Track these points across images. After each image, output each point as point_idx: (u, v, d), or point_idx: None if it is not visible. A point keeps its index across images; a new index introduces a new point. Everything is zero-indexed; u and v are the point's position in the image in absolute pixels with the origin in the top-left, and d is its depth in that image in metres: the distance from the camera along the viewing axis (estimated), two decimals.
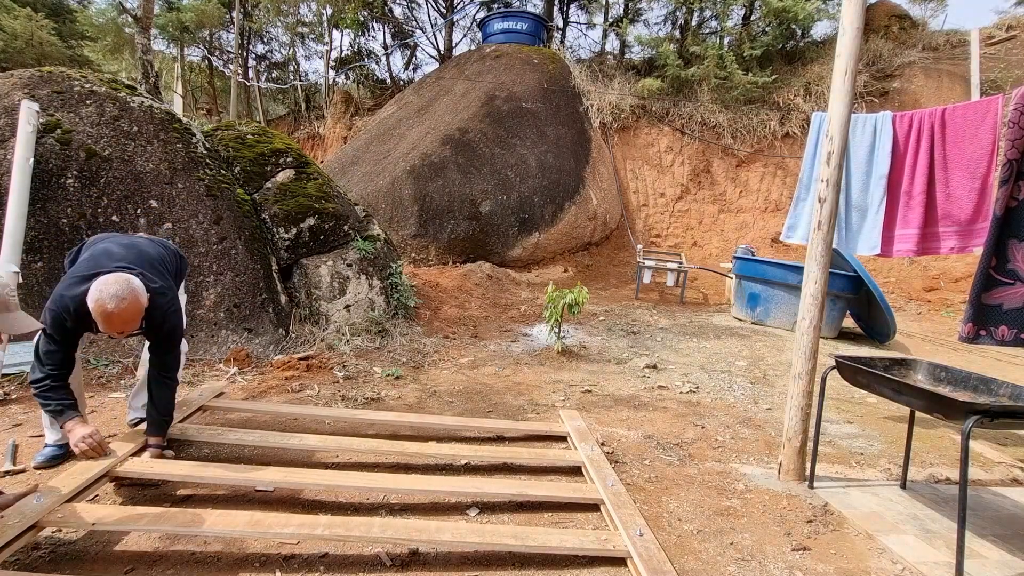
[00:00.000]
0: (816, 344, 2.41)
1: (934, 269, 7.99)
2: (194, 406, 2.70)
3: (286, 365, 3.77)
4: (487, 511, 2.12)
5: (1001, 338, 2.41)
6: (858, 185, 3.41)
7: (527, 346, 4.86)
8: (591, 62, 10.99)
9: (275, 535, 1.74)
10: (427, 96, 10.05)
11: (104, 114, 3.95)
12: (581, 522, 2.09)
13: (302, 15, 14.51)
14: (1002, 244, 2.37)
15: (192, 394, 2.85)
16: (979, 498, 2.44)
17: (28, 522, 1.64)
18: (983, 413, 1.71)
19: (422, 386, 3.66)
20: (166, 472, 2.06)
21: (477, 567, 1.77)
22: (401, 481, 2.16)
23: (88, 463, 1.99)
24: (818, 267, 2.40)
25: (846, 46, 2.33)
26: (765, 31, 10.12)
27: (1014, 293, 2.36)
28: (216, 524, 1.72)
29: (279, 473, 2.10)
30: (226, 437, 2.41)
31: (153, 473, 2.05)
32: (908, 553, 1.96)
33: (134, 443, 2.23)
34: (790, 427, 2.47)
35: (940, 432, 3.31)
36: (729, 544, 1.99)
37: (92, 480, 1.92)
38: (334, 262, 4.57)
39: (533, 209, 8.27)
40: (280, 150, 4.85)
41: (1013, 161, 2.31)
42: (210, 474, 2.05)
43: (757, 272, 6.03)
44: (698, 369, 4.38)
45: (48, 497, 1.75)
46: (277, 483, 2.07)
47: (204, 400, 2.80)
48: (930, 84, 8.94)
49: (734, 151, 9.72)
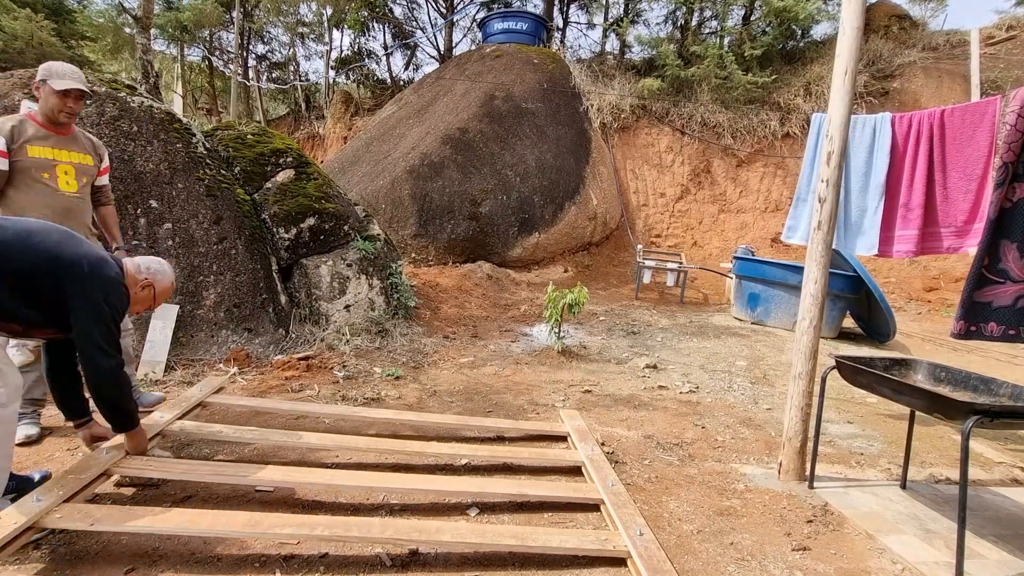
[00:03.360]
0: (816, 344, 2.41)
1: (934, 269, 8.00)
2: (193, 402, 2.69)
3: (286, 365, 3.77)
4: (487, 511, 2.12)
5: (990, 333, 2.45)
6: (858, 185, 3.41)
7: (527, 346, 4.86)
8: (591, 62, 11.00)
9: (274, 535, 1.74)
10: (427, 96, 10.05)
11: (104, 114, 3.94)
12: (581, 522, 2.09)
13: (302, 15, 14.53)
14: (994, 244, 2.39)
15: (192, 390, 2.85)
16: (979, 498, 2.44)
17: (26, 522, 1.63)
18: (983, 413, 1.71)
19: (422, 386, 3.66)
20: (165, 471, 2.06)
21: (477, 567, 1.77)
22: (401, 480, 2.16)
23: (86, 461, 1.99)
24: (818, 267, 2.40)
25: (846, 46, 2.33)
26: (765, 31, 10.13)
27: (1004, 291, 2.39)
28: (214, 525, 1.72)
29: (279, 472, 2.09)
30: (225, 434, 2.40)
31: (152, 472, 2.04)
32: (908, 553, 1.96)
33: None
34: (790, 427, 2.47)
35: (940, 432, 3.31)
36: (729, 544, 1.99)
37: (90, 480, 1.91)
38: (334, 262, 4.57)
39: (533, 209, 8.27)
40: (280, 150, 4.85)
41: (1009, 163, 2.32)
42: (209, 474, 2.05)
43: (757, 272, 6.04)
44: (698, 369, 4.38)
45: (47, 497, 1.74)
46: (277, 483, 2.07)
47: (203, 396, 2.79)
48: (930, 84, 8.94)
49: (734, 151, 9.73)
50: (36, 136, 2.44)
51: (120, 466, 2.04)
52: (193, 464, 2.15)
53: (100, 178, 2.77)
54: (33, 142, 2.43)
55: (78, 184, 2.57)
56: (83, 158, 2.60)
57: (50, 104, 2.44)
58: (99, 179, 2.76)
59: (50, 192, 2.46)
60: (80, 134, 2.65)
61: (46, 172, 2.45)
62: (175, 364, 3.70)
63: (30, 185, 2.42)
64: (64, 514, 1.71)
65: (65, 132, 2.56)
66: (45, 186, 2.45)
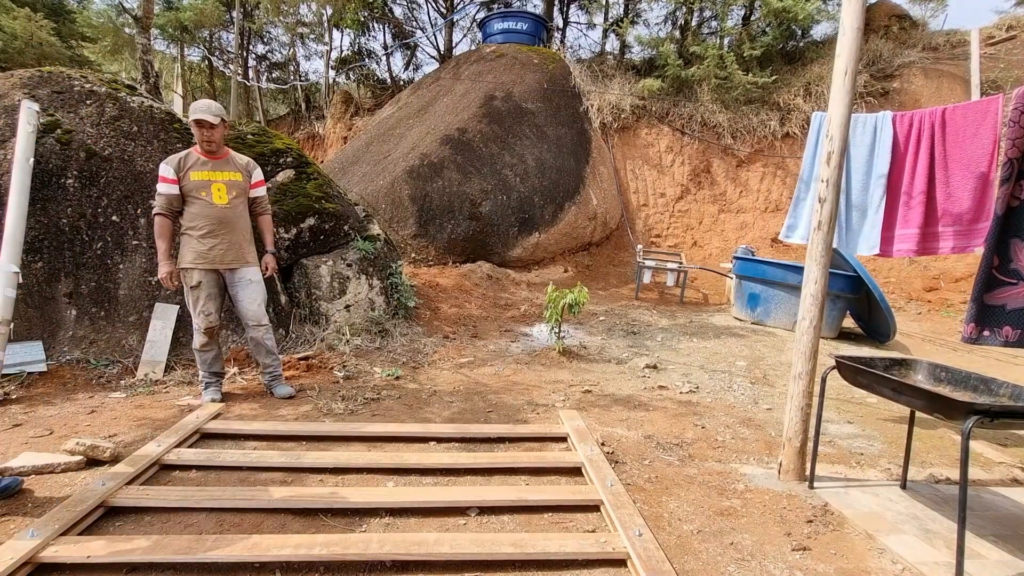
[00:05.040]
0: (816, 344, 2.41)
1: (934, 269, 7.99)
2: (190, 429, 2.66)
3: (286, 365, 3.77)
4: (487, 512, 2.12)
5: (1006, 339, 2.39)
6: (858, 185, 3.41)
7: (527, 346, 4.86)
8: (591, 62, 10.98)
9: (274, 557, 1.72)
10: (427, 96, 10.04)
11: (104, 114, 3.95)
12: (581, 522, 2.09)
13: (302, 15, 14.50)
14: (1004, 244, 2.36)
15: (188, 417, 2.82)
16: (979, 498, 2.44)
17: (22, 558, 1.61)
18: (983, 413, 1.70)
19: (422, 386, 3.66)
20: (161, 500, 2.05)
21: (477, 568, 1.76)
22: (400, 493, 2.16)
23: (82, 492, 1.98)
24: (818, 267, 2.39)
25: (846, 46, 2.33)
26: (765, 31, 10.12)
27: (1018, 293, 2.34)
28: (213, 550, 1.71)
29: (280, 491, 2.12)
30: (223, 459, 2.40)
31: (149, 502, 2.03)
32: (908, 553, 1.96)
33: (133, 468, 2.21)
34: (790, 427, 2.47)
35: (940, 432, 3.31)
36: (729, 544, 1.99)
37: (86, 512, 1.89)
38: (334, 262, 4.57)
39: (533, 209, 8.26)
40: (280, 150, 4.84)
41: (1014, 160, 2.31)
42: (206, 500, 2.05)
43: (757, 272, 6.03)
44: (698, 369, 4.38)
45: (42, 531, 1.73)
46: (276, 503, 2.05)
47: (200, 423, 2.75)
48: (930, 84, 8.94)
49: (734, 151, 9.72)
50: (196, 163, 3.09)
51: (116, 497, 2.02)
52: (193, 489, 2.15)
53: (252, 191, 3.33)
54: (194, 168, 3.08)
55: (229, 197, 3.15)
56: (234, 176, 3.19)
57: (195, 135, 3.08)
58: (251, 191, 3.32)
59: (208, 205, 3.09)
60: (233, 157, 3.26)
61: (204, 191, 3.08)
62: (175, 364, 3.70)
63: (193, 201, 3.08)
64: (60, 548, 1.69)
65: (218, 156, 3.16)
66: (204, 201, 3.08)
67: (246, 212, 3.29)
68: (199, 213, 3.08)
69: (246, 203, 3.29)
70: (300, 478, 2.33)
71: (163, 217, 3.03)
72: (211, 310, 3.15)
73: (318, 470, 2.38)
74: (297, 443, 2.67)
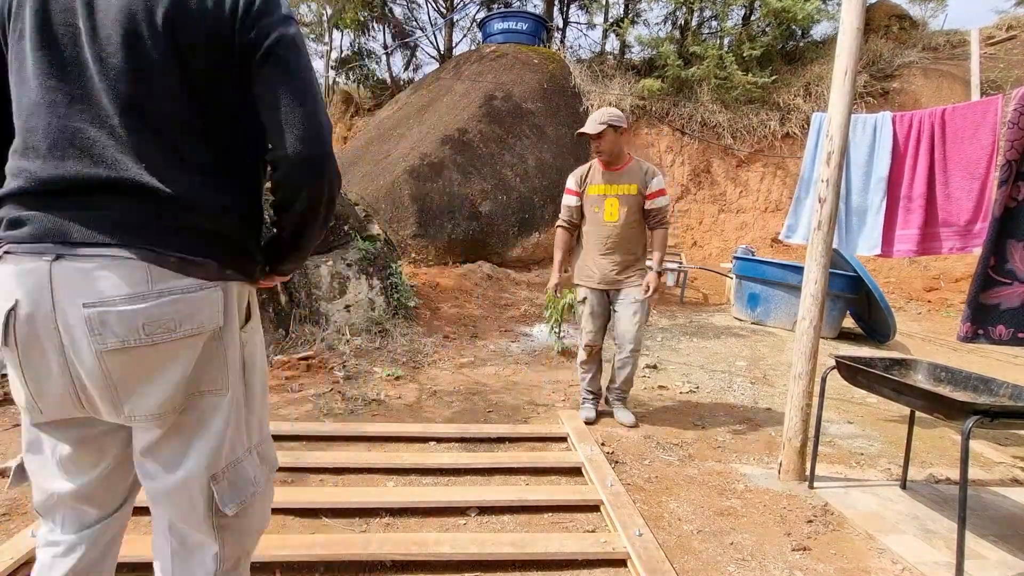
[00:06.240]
0: (816, 344, 2.41)
1: (934, 269, 8.00)
2: None
3: (286, 365, 3.77)
4: (487, 512, 2.12)
5: (998, 337, 2.41)
6: (858, 185, 3.41)
7: (527, 346, 4.86)
8: (591, 62, 10.98)
9: (273, 557, 1.71)
10: (427, 96, 10.04)
11: None
12: (581, 522, 2.09)
13: (302, 15, 14.50)
14: (1001, 244, 2.37)
15: None
16: (979, 498, 2.44)
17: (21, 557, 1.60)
18: (983, 413, 1.70)
19: (422, 386, 3.66)
20: None
21: (477, 568, 1.76)
22: (400, 493, 2.16)
23: None
24: (818, 267, 2.39)
25: (846, 46, 2.33)
26: (765, 31, 10.12)
27: (1012, 292, 2.36)
28: None
29: (280, 491, 2.08)
30: None
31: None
32: (908, 553, 1.96)
33: None
34: (790, 427, 2.47)
35: (940, 432, 3.31)
36: (729, 544, 1.99)
37: None
38: (334, 262, 4.57)
39: (533, 209, 8.26)
40: None
41: (1012, 162, 2.31)
42: None
43: (757, 272, 6.03)
44: (698, 369, 4.38)
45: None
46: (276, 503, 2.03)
47: None
48: (930, 84, 8.94)
49: (734, 151, 9.72)
50: (595, 176, 2.98)
51: None
52: None
53: (648, 202, 2.97)
54: (593, 181, 2.98)
55: (619, 214, 2.93)
56: (628, 188, 2.93)
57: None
58: (647, 203, 2.97)
59: (599, 223, 2.96)
60: (633, 166, 2.97)
61: (596, 206, 2.96)
62: None
63: (588, 218, 3.02)
64: None
65: (617, 168, 2.95)
66: (596, 218, 2.97)
67: (639, 229, 3.04)
68: (590, 231, 3.03)
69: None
70: (300, 478, 2.33)
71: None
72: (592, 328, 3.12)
73: (318, 470, 2.38)
74: (297, 443, 2.67)
